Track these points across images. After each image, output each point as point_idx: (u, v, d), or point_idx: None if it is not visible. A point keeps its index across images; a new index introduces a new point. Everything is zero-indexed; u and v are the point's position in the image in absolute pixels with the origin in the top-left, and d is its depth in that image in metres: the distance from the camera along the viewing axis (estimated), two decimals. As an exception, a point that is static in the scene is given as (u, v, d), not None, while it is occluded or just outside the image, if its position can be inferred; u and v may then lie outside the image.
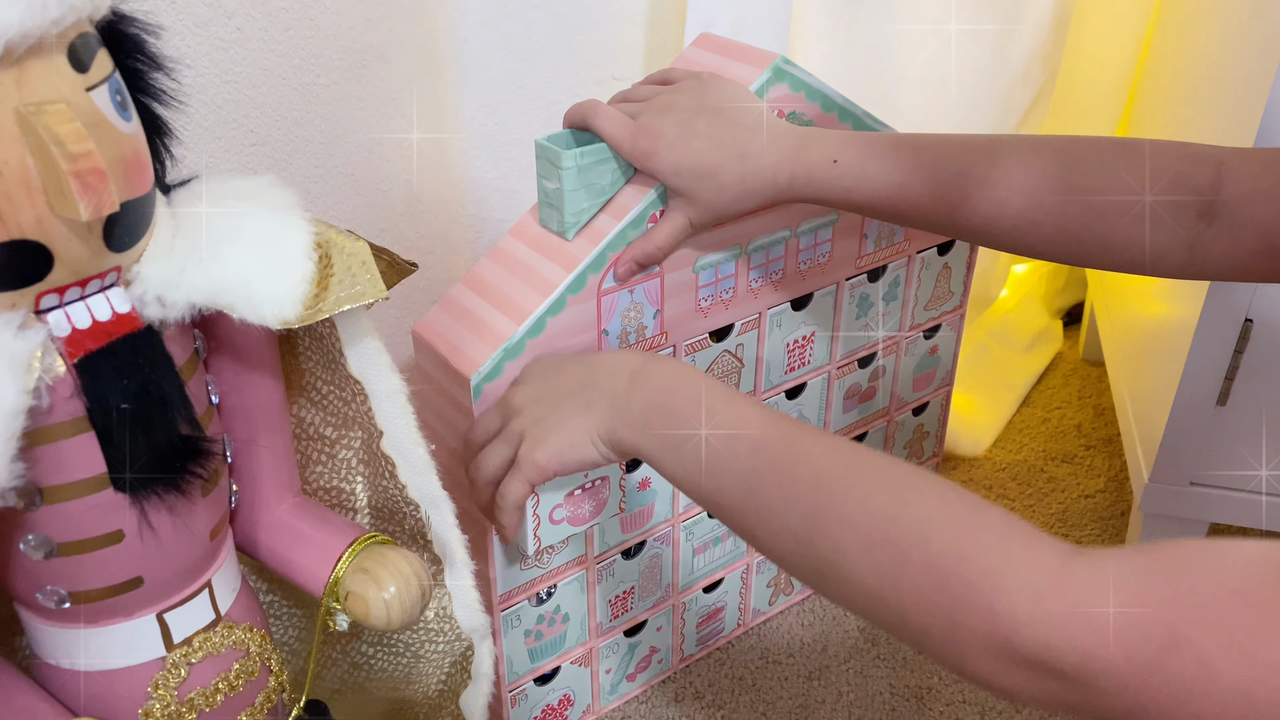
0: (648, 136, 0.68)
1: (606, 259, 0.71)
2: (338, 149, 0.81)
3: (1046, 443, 1.25)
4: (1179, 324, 0.91)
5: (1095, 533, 1.11)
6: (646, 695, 0.93)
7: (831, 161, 0.67)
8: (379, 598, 0.54)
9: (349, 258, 0.52)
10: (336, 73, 0.79)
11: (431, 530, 0.60)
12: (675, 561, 0.88)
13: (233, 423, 0.56)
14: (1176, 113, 1.10)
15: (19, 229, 0.41)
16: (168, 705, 0.52)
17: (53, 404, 0.44)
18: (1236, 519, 0.94)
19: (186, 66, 0.70)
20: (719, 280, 0.78)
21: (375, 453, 0.60)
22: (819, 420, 0.92)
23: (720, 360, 0.81)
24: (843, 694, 0.93)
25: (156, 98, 0.48)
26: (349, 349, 0.55)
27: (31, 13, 0.39)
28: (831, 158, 0.67)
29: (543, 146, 0.70)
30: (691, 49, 0.80)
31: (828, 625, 1.00)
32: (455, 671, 0.67)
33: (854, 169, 0.67)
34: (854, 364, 0.93)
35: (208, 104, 0.73)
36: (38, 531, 0.47)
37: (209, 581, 0.54)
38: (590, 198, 0.71)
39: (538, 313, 0.69)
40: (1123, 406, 1.09)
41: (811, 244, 0.82)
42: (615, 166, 0.71)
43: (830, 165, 0.67)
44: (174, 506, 0.49)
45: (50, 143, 0.40)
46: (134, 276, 0.47)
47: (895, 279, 0.91)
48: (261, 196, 0.51)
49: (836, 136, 0.68)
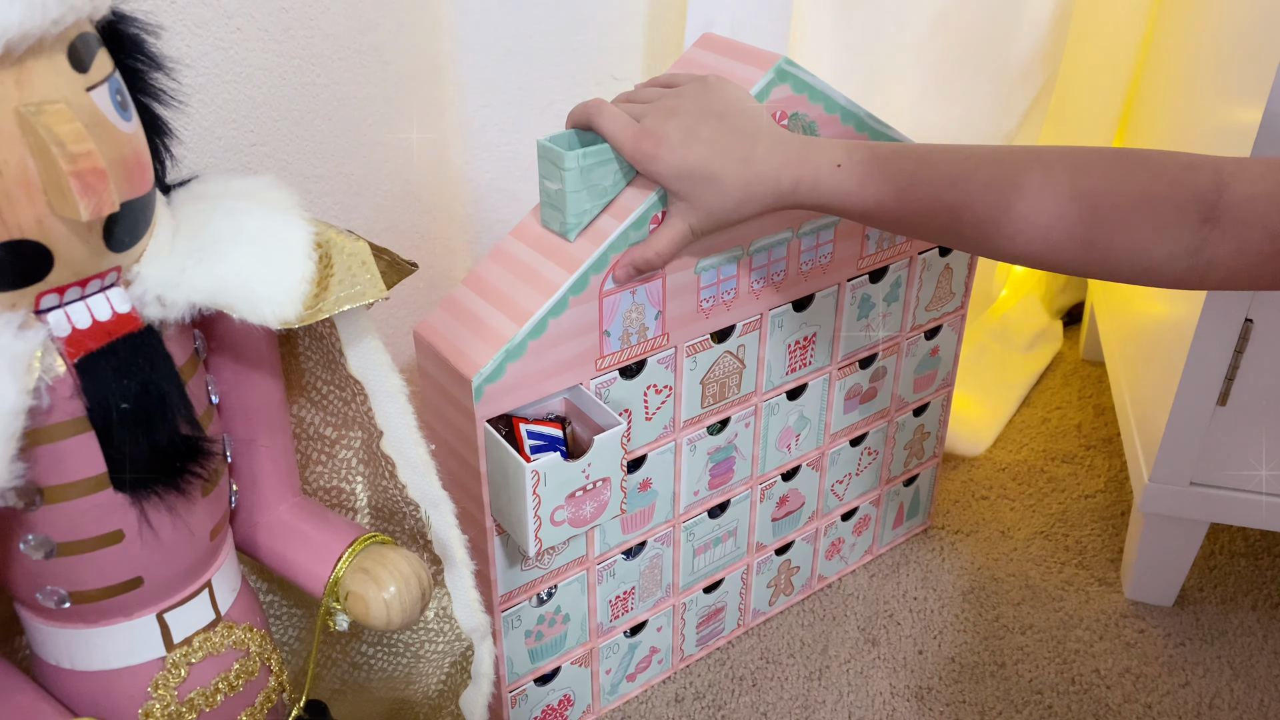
0: (650, 139, 0.68)
1: (608, 260, 0.71)
2: (338, 149, 0.81)
3: (1046, 443, 1.25)
4: (1179, 324, 0.91)
5: (1095, 533, 1.11)
6: (646, 695, 0.93)
7: (835, 166, 0.67)
8: (379, 598, 0.54)
9: (349, 258, 0.52)
10: (336, 73, 0.79)
11: (431, 530, 0.60)
12: (676, 562, 0.88)
13: (233, 423, 0.56)
14: (1176, 113, 1.10)
15: (19, 229, 0.41)
16: (168, 705, 0.52)
17: (53, 404, 0.44)
18: (1237, 519, 0.94)
19: (186, 66, 0.70)
20: (721, 281, 0.78)
21: (375, 453, 0.60)
22: (819, 421, 0.92)
23: (721, 361, 0.81)
24: (843, 694, 0.93)
25: (156, 98, 0.48)
26: (349, 349, 0.55)
27: (31, 13, 0.39)
28: (835, 162, 0.67)
29: (545, 147, 0.69)
30: (694, 49, 0.80)
31: (828, 625, 1.00)
32: (455, 671, 0.67)
33: (858, 174, 0.67)
34: (855, 365, 0.93)
35: (208, 104, 0.73)
36: (38, 531, 0.47)
37: (209, 581, 0.54)
38: (592, 199, 0.71)
39: (539, 314, 0.69)
40: (1123, 406, 1.09)
41: (813, 245, 0.82)
42: (617, 168, 0.71)
43: (834, 170, 0.67)
44: (174, 506, 0.49)
45: (50, 143, 0.40)
46: (134, 276, 0.47)
47: (897, 280, 0.91)
48: (261, 196, 0.51)
49: (841, 143, 0.68)
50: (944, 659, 0.96)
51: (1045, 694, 0.93)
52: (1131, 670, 0.95)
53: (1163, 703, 0.92)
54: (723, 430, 0.85)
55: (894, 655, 0.97)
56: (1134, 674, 0.95)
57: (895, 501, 1.06)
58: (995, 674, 0.95)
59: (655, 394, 0.78)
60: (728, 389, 0.83)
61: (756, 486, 0.91)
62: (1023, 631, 0.99)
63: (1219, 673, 0.95)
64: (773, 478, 0.92)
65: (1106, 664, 0.96)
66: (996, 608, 1.02)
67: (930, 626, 1.00)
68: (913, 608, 1.02)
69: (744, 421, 0.86)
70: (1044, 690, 0.93)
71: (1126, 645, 0.98)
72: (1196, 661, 0.96)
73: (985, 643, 0.98)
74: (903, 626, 1.00)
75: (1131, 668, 0.96)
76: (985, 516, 1.14)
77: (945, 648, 0.98)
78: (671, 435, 0.81)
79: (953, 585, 1.05)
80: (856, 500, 1.02)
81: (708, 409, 0.83)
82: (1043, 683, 0.94)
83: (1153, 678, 0.95)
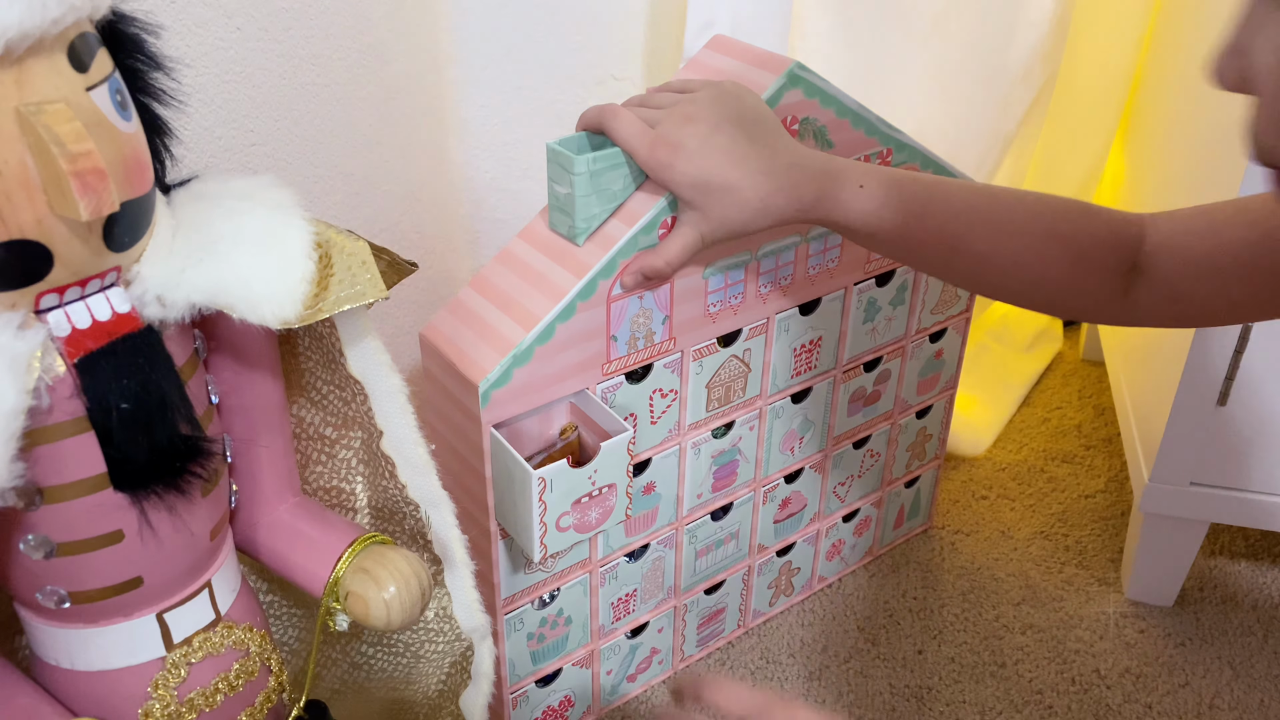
0: (666, 147, 0.67)
1: (617, 265, 0.70)
2: (338, 149, 0.81)
3: (1046, 443, 1.25)
4: (1179, 324, 0.91)
5: (1095, 533, 1.11)
6: (647, 695, 0.93)
7: (859, 186, 0.67)
8: (379, 598, 0.54)
9: (349, 257, 0.52)
10: (336, 73, 0.79)
11: (431, 530, 0.60)
12: (678, 564, 0.88)
13: (233, 423, 0.56)
14: (1176, 113, 1.10)
15: (19, 229, 0.41)
16: (168, 705, 0.52)
17: (53, 404, 0.44)
18: (1236, 519, 0.94)
19: (186, 66, 0.70)
20: (728, 286, 0.78)
21: (375, 453, 0.60)
22: (823, 424, 0.92)
23: (727, 365, 0.81)
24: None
25: (156, 97, 0.48)
26: (349, 349, 0.54)
27: (31, 12, 0.39)
28: (859, 182, 0.67)
29: (554, 151, 0.68)
30: (705, 51, 0.80)
31: (828, 625, 1.00)
32: (455, 672, 0.67)
33: (879, 195, 0.67)
34: (860, 368, 0.93)
35: (207, 104, 0.73)
36: (38, 531, 0.47)
37: (209, 581, 0.54)
38: (601, 203, 0.70)
39: (547, 319, 0.68)
40: (1123, 406, 1.09)
41: (821, 249, 0.82)
42: (627, 172, 0.70)
43: (857, 190, 0.67)
44: (174, 506, 0.49)
45: (50, 142, 0.40)
46: (134, 276, 0.47)
47: (903, 284, 0.91)
48: (261, 196, 0.51)
49: (860, 164, 0.69)
50: (944, 659, 0.96)
51: (1045, 694, 0.93)
52: (1131, 670, 0.95)
53: (1163, 703, 0.92)
54: (727, 434, 0.85)
55: (894, 655, 0.97)
56: (1134, 674, 0.95)
57: (896, 503, 1.06)
58: (995, 674, 0.95)
59: (661, 398, 0.78)
60: (733, 393, 0.83)
61: (759, 489, 0.91)
62: (1023, 631, 0.99)
63: (1219, 673, 0.95)
64: (776, 480, 0.92)
65: (1106, 664, 0.96)
66: (996, 608, 1.02)
67: (930, 626, 1.00)
68: (913, 608, 1.02)
69: (748, 425, 0.86)
70: (1044, 690, 0.93)
71: (1126, 645, 0.98)
72: (1196, 661, 0.96)
73: (985, 643, 0.98)
74: (903, 626, 1.00)
75: (1131, 668, 0.96)
76: (985, 516, 1.14)
77: (945, 648, 0.98)
78: (676, 439, 0.81)
79: (953, 585, 1.05)
80: (858, 502, 1.02)
81: (713, 413, 0.83)
82: (1043, 683, 0.94)
83: (1153, 678, 0.95)
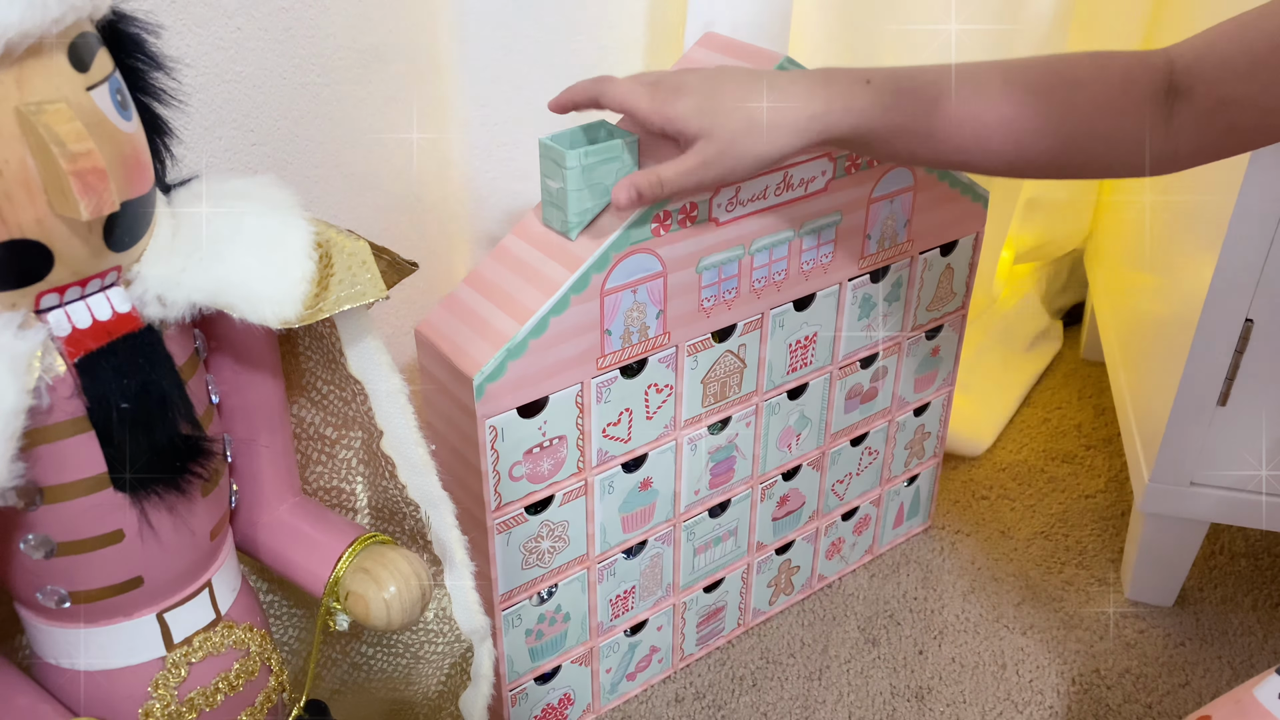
0: (668, 88, 0.67)
1: (610, 259, 0.71)
2: (338, 149, 0.81)
3: (1046, 443, 1.25)
4: (1179, 324, 0.91)
5: (1095, 533, 1.11)
6: (646, 694, 0.93)
7: (865, 82, 0.67)
8: (379, 597, 0.54)
9: (349, 257, 0.52)
10: (336, 73, 0.79)
11: (431, 530, 0.60)
12: (676, 561, 0.88)
13: (233, 423, 0.56)
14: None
15: (19, 228, 0.41)
16: (168, 705, 0.52)
17: (53, 404, 0.44)
18: (1236, 519, 0.94)
19: (186, 66, 0.70)
20: (722, 280, 0.78)
21: (375, 453, 0.60)
22: (820, 421, 0.92)
23: (722, 360, 0.81)
24: (843, 694, 0.93)
25: (156, 97, 0.48)
26: (349, 349, 0.55)
27: (32, 12, 0.39)
28: (865, 79, 0.67)
29: (546, 146, 0.69)
30: (696, 48, 0.80)
31: (828, 625, 1.00)
32: (455, 673, 0.67)
33: (888, 88, 0.67)
34: (856, 364, 0.93)
35: (208, 104, 0.73)
36: (38, 531, 0.47)
37: (209, 581, 0.54)
38: (594, 197, 0.71)
39: (541, 312, 0.69)
40: (1123, 406, 1.09)
41: (815, 244, 0.82)
42: (620, 165, 0.71)
43: (865, 86, 0.67)
44: (174, 506, 0.49)
45: (50, 142, 0.40)
46: (134, 276, 0.47)
47: (898, 279, 0.91)
48: (261, 196, 0.51)
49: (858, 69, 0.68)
50: (944, 659, 0.96)
51: (1045, 694, 0.93)
52: (1131, 670, 0.95)
53: (1163, 703, 0.92)
54: (723, 429, 0.85)
55: (894, 655, 0.97)
56: (1134, 674, 0.95)
57: (895, 501, 1.06)
58: (995, 674, 0.95)
59: (656, 393, 0.78)
60: (729, 388, 0.83)
61: (757, 486, 0.91)
62: (1023, 632, 0.99)
63: (1219, 673, 0.95)
64: (773, 477, 0.92)
65: (1106, 664, 0.96)
66: (996, 608, 1.02)
67: (930, 626, 1.00)
68: (913, 608, 1.02)
69: (745, 421, 0.86)
70: (1044, 690, 0.93)
71: (1126, 645, 0.98)
72: (1196, 661, 0.96)
73: (985, 643, 0.98)
74: (903, 626, 1.00)
75: (1131, 668, 0.96)
76: (985, 516, 1.14)
77: (945, 648, 0.98)
78: (672, 434, 0.81)
79: (953, 585, 1.05)
80: (857, 500, 1.02)
81: (708, 408, 0.83)
82: (1043, 683, 0.94)
83: (1153, 678, 0.95)
